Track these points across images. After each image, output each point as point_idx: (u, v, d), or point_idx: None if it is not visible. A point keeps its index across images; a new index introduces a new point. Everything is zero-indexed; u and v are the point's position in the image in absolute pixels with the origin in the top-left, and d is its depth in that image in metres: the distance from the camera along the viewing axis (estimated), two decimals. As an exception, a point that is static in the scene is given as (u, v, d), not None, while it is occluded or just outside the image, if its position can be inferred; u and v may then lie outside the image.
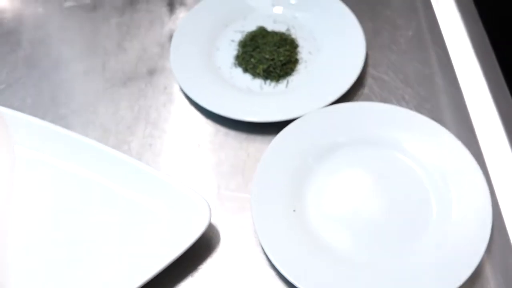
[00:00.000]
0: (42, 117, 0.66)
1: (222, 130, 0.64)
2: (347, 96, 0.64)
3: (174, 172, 0.61)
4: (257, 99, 0.64)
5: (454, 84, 0.66)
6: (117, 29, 0.74)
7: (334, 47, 0.68)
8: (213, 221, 0.57)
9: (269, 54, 0.66)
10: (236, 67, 0.68)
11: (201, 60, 0.68)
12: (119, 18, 0.75)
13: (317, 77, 0.65)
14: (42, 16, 0.77)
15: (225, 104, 0.63)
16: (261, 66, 0.66)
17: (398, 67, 0.68)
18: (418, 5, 0.73)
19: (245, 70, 0.67)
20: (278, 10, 0.73)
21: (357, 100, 0.65)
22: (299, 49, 0.69)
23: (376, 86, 0.66)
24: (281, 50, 0.67)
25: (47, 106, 0.67)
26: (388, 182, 0.57)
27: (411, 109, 0.63)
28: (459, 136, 0.60)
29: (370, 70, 0.68)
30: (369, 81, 0.67)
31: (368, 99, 0.65)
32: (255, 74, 0.66)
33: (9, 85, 0.70)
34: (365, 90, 0.66)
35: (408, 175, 0.57)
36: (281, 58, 0.66)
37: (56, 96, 0.68)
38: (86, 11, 0.77)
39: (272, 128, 0.62)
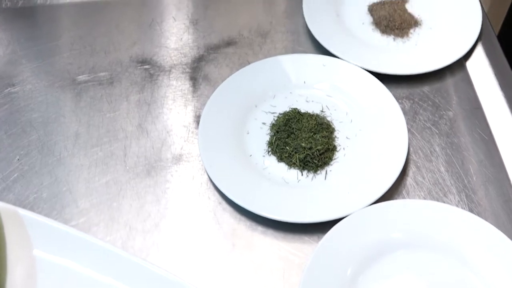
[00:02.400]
0: (60, 212, 0.61)
1: (258, 228, 0.59)
2: (389, 189, 0.60)
3: (209, 279, 0.56)
4: (295, 193, 0.60)
5: (502, 172, 0.62)
6: (137, 108, 0.69)
7: (373, 131, 0.64)
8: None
9: (306, 142, 0.62)
10: (269, 155, 0.63)
11: (231, 147, 0.63)
12: (138, 95, 0.70)
13: (357, 168, 0.61)
14: (54, 92, 0.71)
15: (261, 201, 0.59)
16: (297, 156, 0.62)
17: (441, 153, 0.64)
18: (458, 82, 0.70)
19: (280, 159, 0.63)
20: (310, 88, 0.69)
21: (400, 192, 0.61)
22: (336, 133, 0.65)
23: (420, 176, 0.62)
24: (317, 136, 0.63)
25: (65, 199, 0.62)
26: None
27: (458, 202, 0.60)
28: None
29: (412, 156, 0.64)
30: (412, 169, 0.62)
31: (413, 191, 0.61)
32: (290, 164, 0.62)
33: (22, 174, 0.64)
34: (408, 181, 0.62)
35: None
36: (319, 147, 0.62)
37: (74, 186, 0.63)
38: (102, 86, 0.71)
39: (314, 226, 0.58)
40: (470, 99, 0.68)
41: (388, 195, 0.60)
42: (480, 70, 0.71)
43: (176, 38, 0.76)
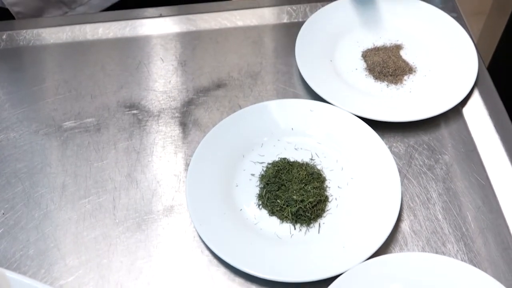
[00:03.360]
0: (48, 270, 0.60)
1: (253, 286, 0.57)
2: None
3: None
4: (289, 250, 0.58)
5: (500, 218, 0.61)
6: (125, 156, 0.67)
7: (365, 180, 0.63)
8: None
9: (297, 195, 0.60)
10: (260, 209, 0.62)
11: (221, 202, 0.61)
12: (127, 142, 0.68)
13: (351, 219, 0.60)
14: (39, 140, 0.69)
15: (254, 260, 0.57)
16: (289, 209, 0.60)
17: (438, 200, 0.62)
18: (452, 125, 0.69)
19: (272, 212, 0.61)
20: (298, 135, 0.67)
21: (397, 240, 0.60)
22: (327, 183, 0.63)
23: (417, 224, 0.61)
24: (309, 188, 0.61)
25: (52, 257, 0.60)
26: None
27: (457, 252, 0.59)
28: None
29: (409, 204, 0.62)
30: (409, 218, 0.61)
31: (411, 241, 0.60)
32: (282, 218, 0.60)
33: (7, 229, 0.62)
34: (406, 229, 0.60)
35: None
36: (311, 199, 0.60)
37: (62, 242, 0.61)
38: (89, 133, 0.69)
39: (309, 284, 0.56)
40: (465, 141, 0.67)
41: (385, 245, 0.58)
42: (476, 114, 0.69)
43: (164, 81, 0.74)
